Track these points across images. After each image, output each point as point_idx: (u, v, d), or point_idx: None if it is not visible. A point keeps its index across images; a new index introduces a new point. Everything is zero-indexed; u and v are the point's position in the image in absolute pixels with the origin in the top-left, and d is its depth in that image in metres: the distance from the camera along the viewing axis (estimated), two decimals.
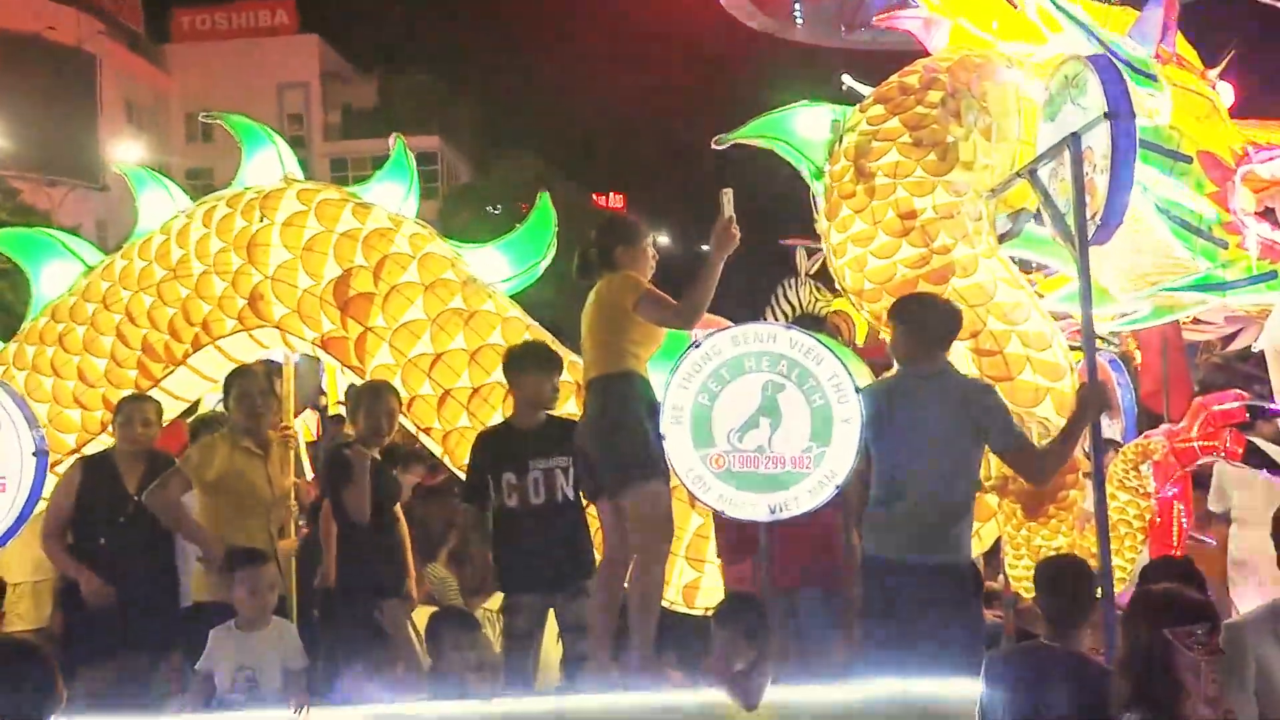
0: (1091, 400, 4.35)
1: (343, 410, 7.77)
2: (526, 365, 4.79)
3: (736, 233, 4.48)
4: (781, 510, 4.37)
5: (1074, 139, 4.40)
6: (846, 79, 6.38)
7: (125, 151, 36.81)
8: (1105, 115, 4.27)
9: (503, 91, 44.83)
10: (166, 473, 4.91)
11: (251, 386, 5.02)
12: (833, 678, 4.30)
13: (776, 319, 10.05)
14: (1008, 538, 5.15)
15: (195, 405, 6.05)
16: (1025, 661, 3.67)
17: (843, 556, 4.83)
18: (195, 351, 5.51)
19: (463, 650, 4.41)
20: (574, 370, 5.36)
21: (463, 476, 5.47)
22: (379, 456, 5.04)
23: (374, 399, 5.01)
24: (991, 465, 4.86)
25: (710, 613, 5.25)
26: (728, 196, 4.50)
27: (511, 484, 4.65)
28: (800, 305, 11.01)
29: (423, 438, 5.44)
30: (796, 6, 30.46)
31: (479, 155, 41.86)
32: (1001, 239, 5.65)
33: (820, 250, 10.76)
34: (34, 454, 4.20)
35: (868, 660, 4.32)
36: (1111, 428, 6.75)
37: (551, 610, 4.76)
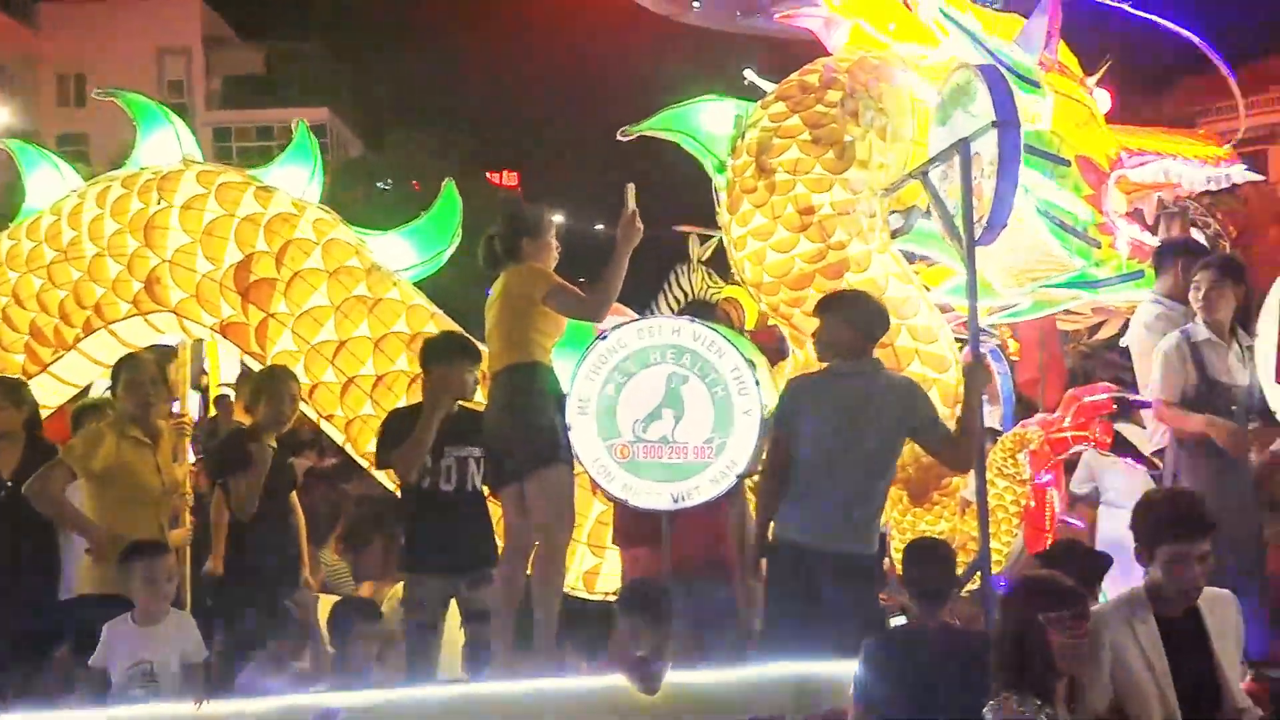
0: (976, 379, 4.52)
1: (227, 392, 7.60)
2: (452, 355, 4.80)
3: (640, 226, 4.59)
4: (684, 499, 4.51)
5: (964, 144, 4.60)
6: (749, 74, 6.54)
7: None
8: (993, 124, 4.49)
9: (395, 64, 43.76)
10: (49, 464, 4.73)
11: (142, 374, 4.85)
12: (728, 663, 4.43)
13: (669, 305, 10.19)
14: (894, 523, 5.39)
15: (86, 391, 5.88)
16: (902, 642, 3.87)
17: (739, 545, 4.96)
18: (86, 336, 5.38)
19: (366, 639, 4.42)
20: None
21: (362, 463, 5.49)
22: (275, 444, 5.00)
23: (277, 384, 4.96)
24: None
25: (611, 599, 5.44)
26: (631, 191, 4.60)
27: (425, 467, 4.67)
28: (692, 291, 11.18)
29: (325, 425, 5.42)
30: None
31: (370, 129, 41.03)
32: (893, 235, 5.88)
33: (711, 237, 10.99)
34: None
35: (768, 644, 4.47)
36: (990, 415, 7.10)
37: (454, 599, 4.80)
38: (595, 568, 5.40)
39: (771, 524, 4.52)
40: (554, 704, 4.13)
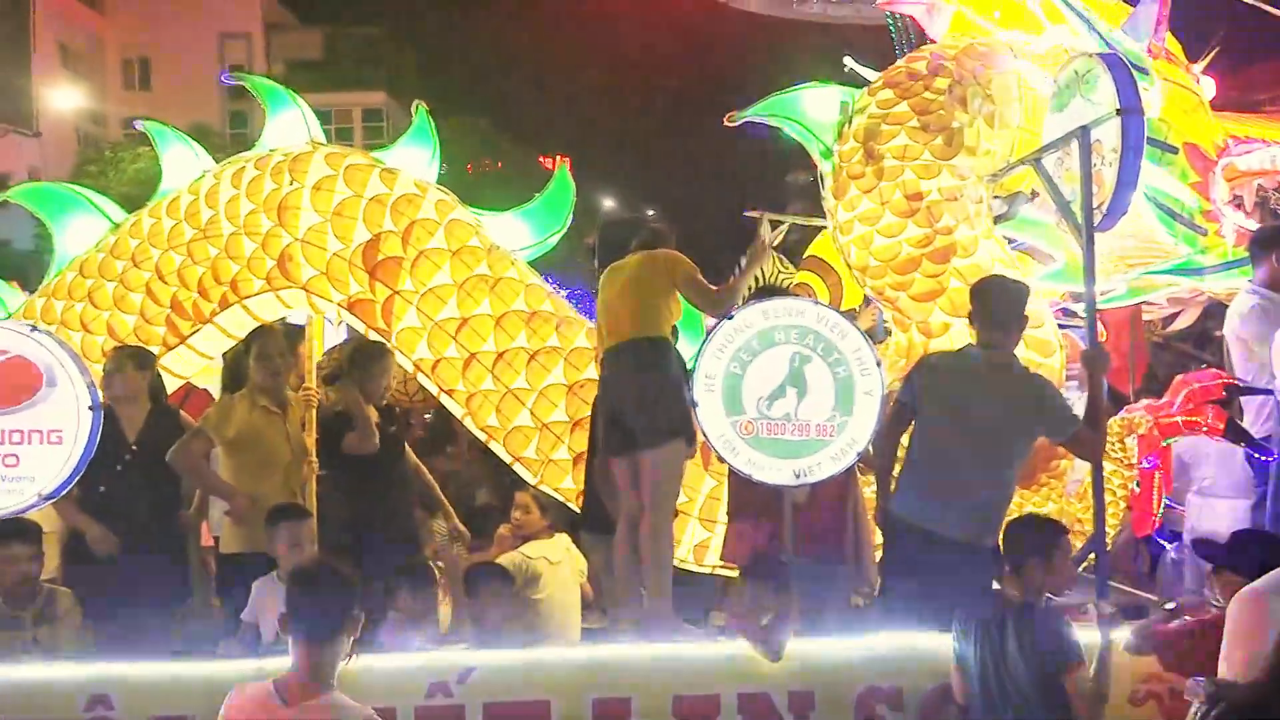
0: (1098, 366, 4.57)
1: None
2: None
3: (771, 251, 4.77)
4: (806, 475, 4.63)
5: (1083, 132, 4.68)
6: (849, 61, 6.64)
7: (60, 96, 35.82)
8: (1118, 111, 4.56)
9: (449, 48, 44.03)
10: (191, 432, 5.00)
11: (271, 347, 5.09)
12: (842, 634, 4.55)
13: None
14: None
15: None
16: (985, 613, 3.92)
17: (855, 520, 5.09)
18: (222, 310, 5.60)
19: (499, 600, 4.61)
20: (591, 336, 5.57)
21: (480, 436, 5.68)
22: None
23: (377, 359, 5.14)
24: None
25: (720, 571, 5.59)
26: (766, 222, 4.86)
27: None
28: (763, 276, 11.26)
29: (445, 399, 5.60)
30: None
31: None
32: (997, 220, 5.97)
33: (782, 223, 11.07)
34: (89, 408, 4.26)
35: (883, 618, 4.57)
36: (1078, 403, 7.14)
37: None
38: (705, 541, 5.55)
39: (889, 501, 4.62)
40: (681, 668, 4.24)
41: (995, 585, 4.29)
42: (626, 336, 4.75)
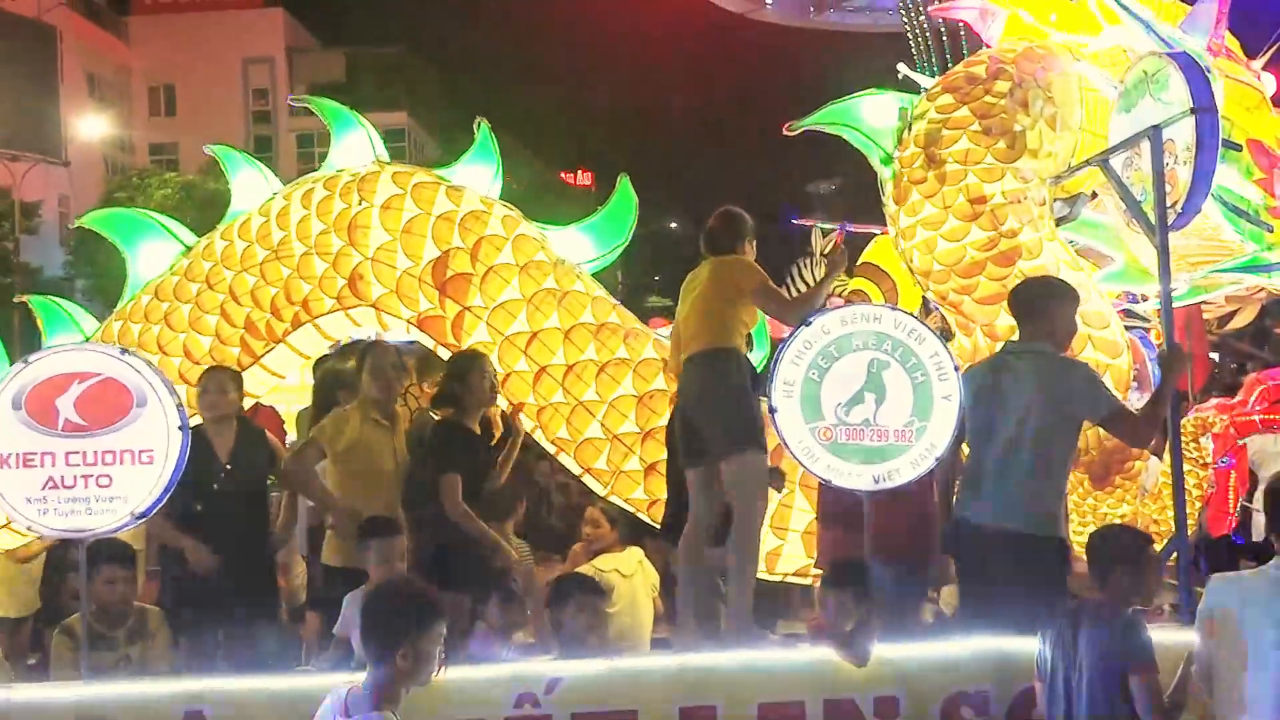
0: (1175, 362, 4.59)
1: None
2: None
3: (844, 264, 4.83)
4: (885, 480, 4.63)
5: (1155, 131, 4.68)
6: (902, 68, 6.67)
7: (88, 126, 36.26)
8: (1191, 110, 4.56)
9: (470, 68, 44.40)
10: (303, 442, 5.08)
11: (384, 360, 5.15)
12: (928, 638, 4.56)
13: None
14: (1074, 505, 5.47)
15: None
16: (1058, 606, 3.96)
17: (934, 525, 5.09)
18: (294, 329, 5.68)
19: (586, 610, 4.63)
20: (659, 348, 5.61)
21: (549, 449, 5.71)
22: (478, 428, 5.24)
23: (477, 367, 5.17)
24: None
25: (791, 579, 5.60)
26: (839, 237, 4.89)
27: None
28: (814, 283, 11.32)
29: (515, 413, 5.63)
30: None
31: (446, 132, 41.64)
32: (1058, 222, 5.97)
33: (832, 230, 11.10)
34: (179, 428, 4.32)
35: (962, 622, 4.58)
36: (1139, 402, 7.12)
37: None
38: (777, 549, 5.56)
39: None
40: (766, 675, 4.26)
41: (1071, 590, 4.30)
42: (695, 347, 4.78)
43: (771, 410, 4.64)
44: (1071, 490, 5.40)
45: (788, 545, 5.56)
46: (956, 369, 4.66)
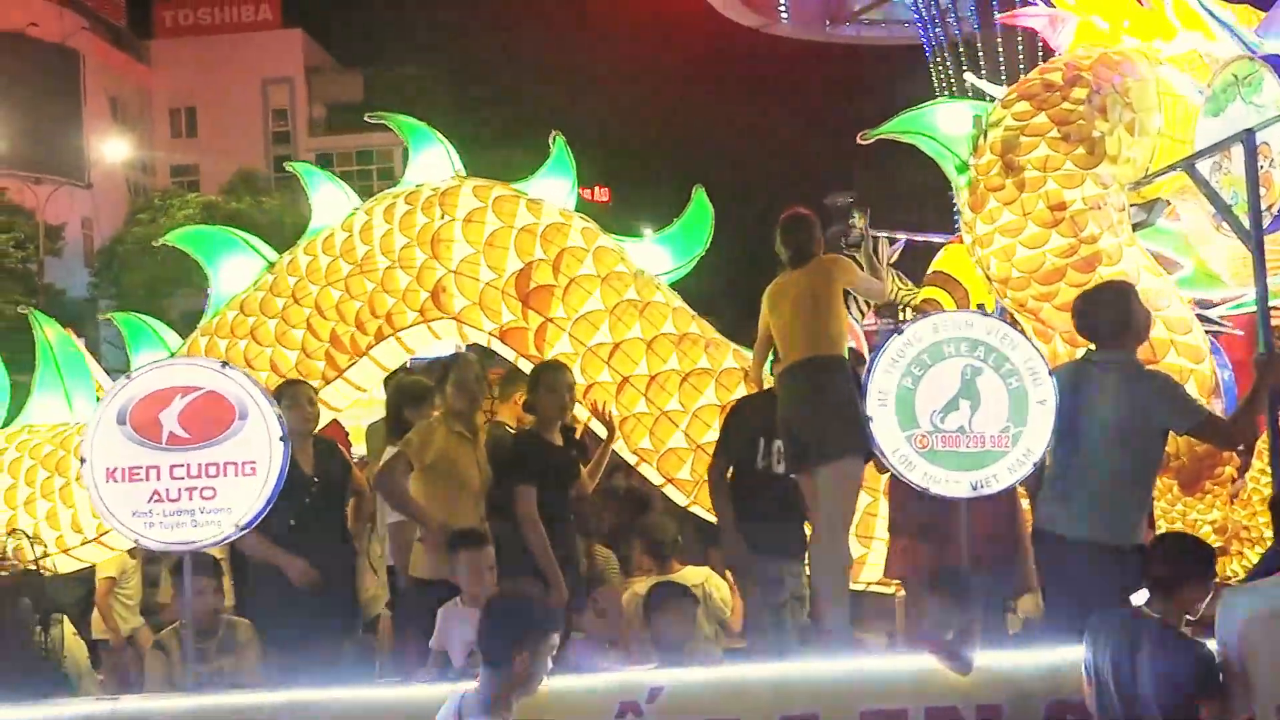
0: (1271, 369, 4.56)
1: None
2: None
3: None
4: (983, 487, 4.63)
5: (1248, 134, 4.68)
6: (970, 77, 6.68)
7: (110, 148, 36.58)
8: None
9: (488, 86, 44.59)
10: (393, 455, 5.08)
11: (468, 373, 5.14)
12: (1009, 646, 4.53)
13: (858, 308, 10.31)
14: (1161, 512, 5.43)
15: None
16: (1118, 626, 3.88)
17: (1017, 532, 5.07)
18: (377, 343, 5.70)
19: (684, 620, 4.63)
20: (739, 358, 5.62)
21: (630, 460, 5.71)
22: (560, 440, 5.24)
23: (557, 377, 5.17)
24: None
25: (874, 588, 5.59)
26: (883, 240, 4.92)
27: (778, 450, 4.90)
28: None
29: (598, 424, 5.63)
30: (783, 2, 30.75)
31: (466, 151, 41.79)
32: (1135, 228, 5.96)
33: (898, 239, 11.07)
34: (280, 439, 4.34)
35: (1048, 631, 4.55)
36: (1212, 408, 7.07)
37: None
38: (862, 558, 5.53)
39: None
40: (867, 683, 4.26)
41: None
42: (798, 356, 4.80)
43: (867, 420, 4.64)
44: (1160, 495, 5.37)
45: (871, 553, 5.53)
46: (1051, 373, 4.65)
